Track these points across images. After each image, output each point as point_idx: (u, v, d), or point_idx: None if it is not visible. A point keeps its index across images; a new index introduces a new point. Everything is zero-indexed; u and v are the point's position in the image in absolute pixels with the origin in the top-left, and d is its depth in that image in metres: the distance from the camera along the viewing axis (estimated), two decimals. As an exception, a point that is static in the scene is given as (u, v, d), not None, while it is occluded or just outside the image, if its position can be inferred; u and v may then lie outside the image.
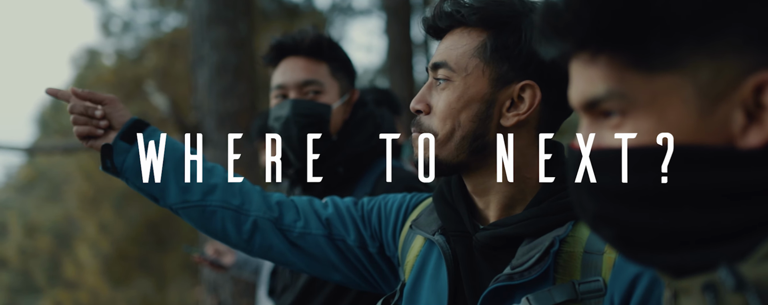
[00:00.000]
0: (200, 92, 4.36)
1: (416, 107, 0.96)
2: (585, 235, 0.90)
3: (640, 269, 0.83)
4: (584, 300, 0.85)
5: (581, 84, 0.57)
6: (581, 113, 0.60)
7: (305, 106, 1.54)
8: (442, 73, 0.95)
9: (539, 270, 0.87)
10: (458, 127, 0.93)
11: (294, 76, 1.56)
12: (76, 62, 13.27)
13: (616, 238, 0.58)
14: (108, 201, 10.79)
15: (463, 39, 0.95)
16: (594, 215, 0.58)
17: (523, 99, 0.93)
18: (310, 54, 1.57)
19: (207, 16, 4.34)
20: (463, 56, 0.94)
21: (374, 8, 9.66)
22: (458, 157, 0.94)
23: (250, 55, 4.49)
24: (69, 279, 12.00)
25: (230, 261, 2.36)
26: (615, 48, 0.54)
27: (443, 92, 0.95)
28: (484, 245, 0.94)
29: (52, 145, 5.83)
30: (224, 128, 4.31)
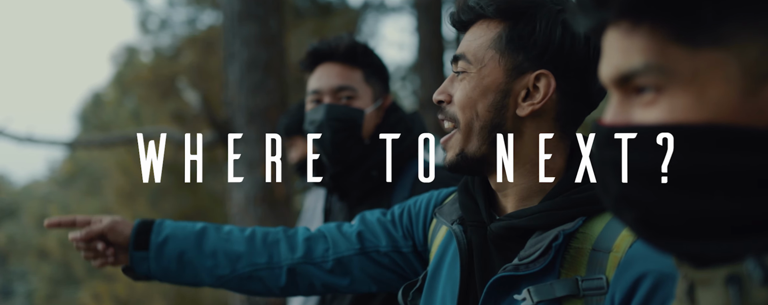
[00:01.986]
0: (231, 88, 4.41)
1: (437, 98, 1.00)
2: (596, 232, 0.89)
3: (644, 270, 0.81)
4: (586, 296, 0.86)
5: (616, 57, 0.54)
6: (612, 89, 0.56)
7: (339, 111, 1.59)
8: (461, 65, 0.98)
9: (543, 263, 0.87)
10: (476, 117, 0.96)
11: (329, 82, 1.61)
12: (115, 59, 13.62)
13: (637, 221, 0.55)
14: (144, 195, 11.04)
15: (482, 31, 0.97)
16: (617, 196, 0.55)
17: (538, 88, 0.94)
18: (345, 60, 1.62)
19: (238, 12, 4.38)
20: (480, 48, 0.96)
21: (406, 5, 9.62)
22: (481, 149, 0.96)
23: (280, 51, 4.52)
24: (107, 271, 12.32)
25: None
26: (660, 18, 0.51)
27: (461, 83, 0.97)
28: (497, 235, 0.95)
29: (90, 140, 5.99)
30: (254, 124, 4.34)
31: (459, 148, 0.98)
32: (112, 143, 5.47)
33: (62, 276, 15.85)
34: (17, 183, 26.41)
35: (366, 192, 1.60)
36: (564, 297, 0.86)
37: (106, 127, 13.89)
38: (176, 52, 9.93)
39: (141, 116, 11.37)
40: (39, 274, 16.92)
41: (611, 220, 0.89)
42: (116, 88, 14.01)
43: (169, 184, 10.42)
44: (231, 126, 4.39)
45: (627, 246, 0.85)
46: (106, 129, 13.45)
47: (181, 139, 4.93)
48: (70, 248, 14.72)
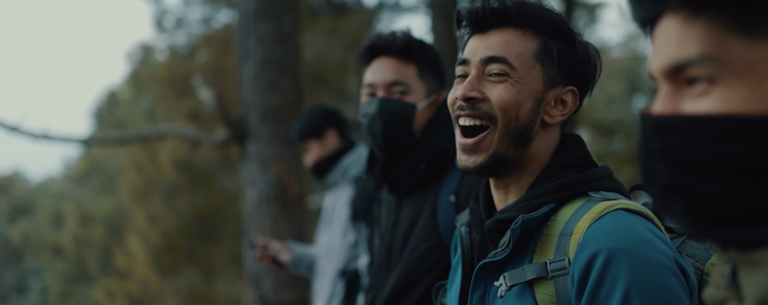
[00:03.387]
0: (245, 87, 4.40)
1: (470, 94, 1.04)
2: (564, 219, 0.98)
3: (597, 248, 0.90)
4: (554, 278, 0.95)
5: (670, 47, 0.55)
6: (662, 80, 0.57)
7: (391, 105, 1.62)
8: (499, 67, 1.04)
9: (508, 249, 0.98)
10: (515, 119, 1.03)
11: (383, 76, 1.65)
12: (131, 58, 13.72)
13: (685, 211, 0.55)
14: (158, 193, 11.10)
15: (518, 39, 1.04)
16: (665, 185, 0.56)
17: (566, 102, 1.07)
18: (400, 55, 1.65)
19: (253, 11, 4.37)
20: (522, 55, 1.04)
21: (421, 5, 9.59)
22: (510, 151, 1.04)
23: (295, 50, 4.50)
24: (120, 269, 12.41)
25: (288, 259, 2.38)
26: (722, 8, 0.51)
27: (500, 85, 1.04)
28: (490, 230, 1.05)
29: (105, 137, 6.02)
30: (268, 122, 4.33)
31: (493, 150, 1.04)
32: (127, 141, 5.50)
33: (76, 273, 15.99)
34: (32, 181, 26.72)
35: (414, 185, 1.64)
36: (534, 279, 0.96)
37: (121, 124, 13.99)
38: (191, 50, 9.98)
39: (156, 114, 11.44)
40: (53, 271, 17.09)
41: (580, 207, 0.98)
42: (131, 86, 14.12)
43: (183, 182, 10.47)
44: (245, 124, 4.38)
45: (585, 228, 0.94)
46: (121, 127, 13.55)
47: (195, 138, 4.94)
48: (84, 245, 14.86)
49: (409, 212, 1.64)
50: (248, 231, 4.42)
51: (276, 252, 2.37)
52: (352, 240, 2.45)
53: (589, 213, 0.96)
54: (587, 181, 1.02)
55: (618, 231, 0.92)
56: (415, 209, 1.63)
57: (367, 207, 2.41)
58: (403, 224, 1.64)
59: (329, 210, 2.62)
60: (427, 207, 1.60)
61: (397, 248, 1.64)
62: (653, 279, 0.88)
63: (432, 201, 1.60)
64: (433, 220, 1.57)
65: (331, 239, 2.52)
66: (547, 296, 0.95)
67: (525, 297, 0.97)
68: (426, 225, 1.58)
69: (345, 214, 2.49)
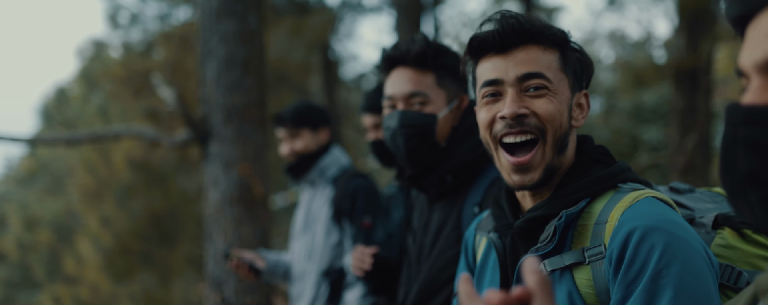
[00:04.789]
0: (208, 86, 4.30)
1: (521, 111, 1.10)
2: (598, 210, 1.07)
3: (633, 226, 0.98)
4: (591, 263, 1.03)
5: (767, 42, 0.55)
6: (755, 73, 0.58)
7: (411, 117, 1.63)
8: (537, 82, 1.11)
9: (554, 242, 1.05)
10: (559, 128, 1.11)
11: (401, 88, 1.65)
12: (81, 54, 13.24)
13: (763, 202, 0.56)
14: (111, 194, 10.75)
15: (543, 54, 1.12)
16: (746, 174, 0.57)
17: (582, 105, 1.17)
18: (417, 64, 1.64)
19: (216, 8, 4.28)
20: (551, 69, 1.12)
21: (384, 5, 9.60)
22: (554, 159, 1.12)
23: (259, 48, 4.43)
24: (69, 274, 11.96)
25: (263, 266, 2.33)
26: None
27: (542, 99, 1.11)
28: (521, 229, 1.12)
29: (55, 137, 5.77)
30: (232, 122, 4.25)
31: (546, 163, 1.11)
32: (81, 141, 5.29)
33: (20, 279, 15.32)
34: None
35: (442, 193, 1.65)
36: (572, 264, 1.04)
37: (70, 123, 13.49)
38: (148, 47, 9.70)
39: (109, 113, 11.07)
40: (-5, 277, 16.33)
41: (611, 198, 1.07)
42: (82, 83, 13.63)
43: (138, 183, 10.17)
44: (207, 124, 4.28)
45: (619, 215, 1.03)
46: (71, 126, 13.07)
47: (155, 138, 4.80)
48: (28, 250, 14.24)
49: (438, 216, 1.65)
50: (210, 233, 4.33)
51: (251, 260, 2.32)
52: (335, 240, 2.43)
53: (622, 202, 1.05)
54: (616, 175, 1.11)
55: (651, 213, 1.01)
56: (443, 214, 1.64)
57: (352, 207, 2.40)
58: (433, 226, 1.66)
59: (304, 211, 2.59)
60: (453, 215, 1.61)
61: (426, 249, 1.66)
62: (685, 255, 0.96)
63: (458, 210, 1.61)
64: (457, 229, 1.58)
65: (311, 240, 2.49)
66: (585, 280, 1.04)
67: (564, 280, 1.05)
68: (451, 233, 1.59)
69: (326, 214, 2.46)
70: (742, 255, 1.06)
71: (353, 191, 2.40)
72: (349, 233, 2.40)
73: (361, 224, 2.35)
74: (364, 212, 2.36)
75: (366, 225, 2.34)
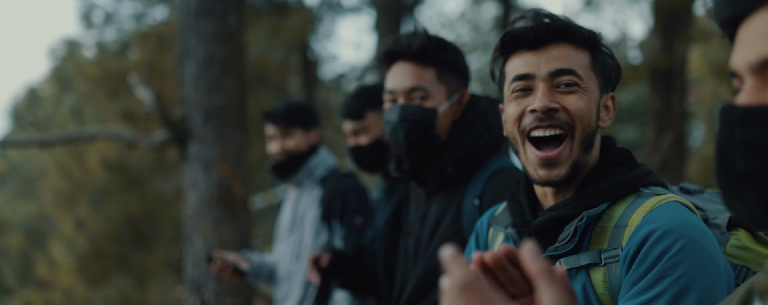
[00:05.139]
0: (187, 86, 4.25)
1: (552, 105, 1.11)
2: (618, 214, 1.08)
3: (653, 228, 0.99)
4: (606, 264, 1.05)
5: (761, 42, 0.57)
6: (748, 74, 0.59)
7: (411, 112, 1.64)
8: (569, 78, 1.12)
9: (573, 242, 1.06)
10: (588, 126, 1.12)
11: (402, 83, 1.66)
12: (53, 54, 12.97)
13: (761, 202, 0.57)
14: (85, 197, 10.55)
15: (575, 53, 1.14)
16: (743, 174, 0.58)
17: (609, 107, 1.19)
18: (417, 59, 1.65)
19: (195, 8, 4.23)
20: (583, 67, 1.14)
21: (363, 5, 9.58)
22: (581, 157, 1.12)
23: (239, 48, 4.38)
24: (41, 279, 11.71)
25: (247, 268, 2.31)
26: None
27: (573, 95, 1.12)
28: (540, 228, 1.12)
29: (26, 139, 5.64)
30: (211, 123, 4.20)
31: (573, 159, 1.11)
32: (54, 142, 5.18)
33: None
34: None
35: (441, 185, 1.66)
36: (588, 265, 1.06)
37: (43, 125, 13.21)
38: (123, 47, 9.54)
39: (83, 114, 10.86)
40: (-34, 282, 15.90)
41: (632, 202, 1.07)
42: (54, 83, 13.35)
43: (113, 185, 9.99)
44: (186, 125, 4.23)
45: (639, 219, 1.04)
46: (43, 127, 12.79)
47: (132, 139, 4.72)
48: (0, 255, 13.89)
49: (436, 209, 1.66)
50: (190, 235, 4.27)
51: (235, 262, 2.29)
52: (324, 241, 2.42)
53: (643, 207, 1.06)
54: (638, 179, 1.11)
55: (673, 217, 1.02)
56: (442, 207, 1.65)
57: (342, 208, 2.40)
58: (430, 220, 1.67)
59: (290, 212, 2.57)
60: (452, 208, 1.63)
61: (423, 243, 1.67)
62: (697, 258, 0.97)
63: (457, 202, 1.62)
64: (457, 221, 1.60)
65: (299, 240, 2.47)
66: (600, 281, 1.06)
67: (580, 276, 1.07)
68: (450, 226, 1.60)
69: (314, 214, 2.45)
70: (756, 257, 1.08)
71: (344, 191, 2.40)
72: (339, 233, 2.39)
73: (352, 224, 2.35)
74: (355, 212, 2.36)
75: (357, 226, 2.34)
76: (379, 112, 2.25)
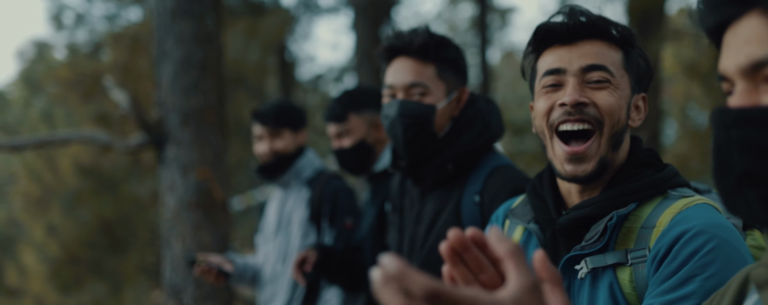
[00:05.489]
0: (164, 88, 4.18)
1: (582, 99, 1.10)
2: (645, 214, 1.08)
3: (686, 227, 1.00)
4: (633, 264, 1.05)
5: (749, 46, 0.59)
6: (738, 77, 0.61)
7: (410, 108, 1.64)
8: (600, 74, 1.12)
9: (602, 242, 1.06)
10: (617, 123, 1.12)
11: (402, 78, 1.66)
12: (22, 56, 12.66)
13: (761, 199, 0.58)
14: (57, 201, 10.32)
15: (607, 50, 1.13)
16: (741, 174, 0.59)
17: (640, 107, 1.18)
18: (418, 55, 1.66)
19: (171, 9, 4.17)
20: (615, 64, 1.13)
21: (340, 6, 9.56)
22: (608, 154, 1.12)
23: (218, 50, 4.33)
24: (11, 287, 11.42)
25: (231, 269, 2.28)
26: None
27: (603, 91, 1.11)
28: (565, 226, 1.11)
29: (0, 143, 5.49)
30: (189, 125, 4.14)
31: (600, 155, 1.10)
32: (27, 146, 5.05)
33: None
34: None
35: (438, 182, 1.66)
36: (614, 264, 1.06)
37: (11, 128, 12.88)
38: (96, 49, 9.35)
39: (54, 117, 10.61)
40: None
41: (659, 204, 1.08)
42: (23, 86, 13.03)
43: (86, 190, 9.79)
44: (164, 128, 4.16)
45: (668, 220, 1.04)
46: (11, 131, 12.48)
47: (108, 142, 4.63)
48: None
49: (432, 206, 1.66)
50: (168, 239, 4.21)
51: (219, 265, 2.26)
52: (312, 242, 2.40)
53: (671, 208, 1.06)
54: (666, 180, 1.11)
55: (704, 218, 1.03)
56: (438, 204, 1.66)
57: (333, 209, 2.39)
58: (426, 217, 1.67)
59: (276, 213, 2.54)
60: (450, 204, 1.63)
61: (419, 240, 1.66)
62: (728, 258, 0.98)
63: (456, 199, 1.63)
64: (456, 217, 1.60)
65: (286, 242, 2.46)
66: (626, 281, 1.05)
67: (606, 275, 1.07)
68: (448, 222, 1.60)
69: (302, 215, 2.43)
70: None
71: (334, 193, 2.39)
72: (328, 234, 2.38)
73: (343, 225, 2.35)
74: (345, 213, 2.36)
75: (348, 227, 2.34)
76: (362, 114, 2.26)
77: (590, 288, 1.07)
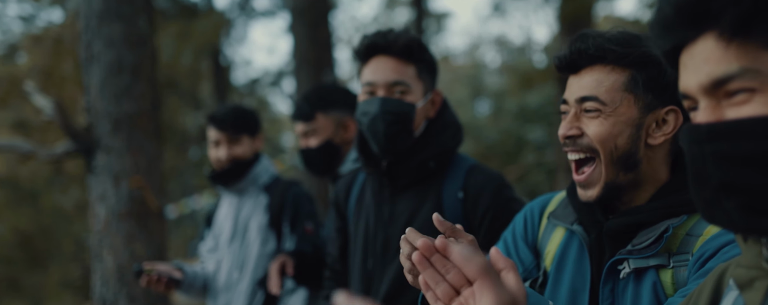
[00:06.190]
0: (92, 93, 3.98)
1: (570, 133, 1.15)
2: (691, 223, 1.11)
3: (732, 238, 1.02)
4: (675, 267, 1.08)
5: (709, 65, 0.63)
6: (701, 95, 0.65)
7: (393, 105, 1.65)
8: (591, 104, 1.14)
9: (655, 249, 1.09)
10: (615, 149, 1.13)
11: (384, 76, 1.67)
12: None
13: (741, 207, 0.62)
14: (-31, 215, 9.59)
15: (608, 75, 1.15)
16: (718, 185, 0.63)
17: (668, 121, 1.15)
18: (401, 55, 1.68)
19: (100, 11, 3.97)
20: (611, 91, 1.14)
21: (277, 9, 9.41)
22: (618, 176, 1.14)
23: (151, 53, 4.16)
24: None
25: (181, 277, 2.23)
26: (757, 30, 0.59)
27: (595, 120, 1.14)
28: (614, 230, 1.15)
29: None
30: (121, 132, 3.95)
31: (604, 180, 1.14)
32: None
33: None
34: None
35: (417, 180, 1.69)
36: (656, 266, 1.09)
37: None
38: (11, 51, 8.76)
39: (-36, 124, 9.86)
40: None
41: None
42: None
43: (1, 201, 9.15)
44: (93, 135, 3.95)
45: (716, 230, 1.06)
46: None
47: (30, 151, 4.34)
48: None
49: (406, 206, 1.67)
50: (99, 252, 4.00)
51: (169, 273, 2.18)
52: (272, 248, 2.36)
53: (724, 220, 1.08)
54: None
55: None
56: (413, 203, 1.67)
57: (295, 215, 2.37)
58: (400, 218, 1.67)
59: (231, 220, 2.47)
60: (429, 202, 1.65)
61: (393, 243, 1.66)
62: None
63: (435, 196, 1.65)
64: (439, 214, 1.59)
65: (244, 249, 2.40)
66: (668, 283, 1.10)
67: (649, 274, 1.10)
68: (428, 221, 1.61)
69: (261, 222, 2.39)
70: None
71: (295, 199, 2.38)
72: (289, 240, 2.35)
73: (304, 230, 2.33)
74: (306, 219, 2.35)
75: (309, 232, 2.33)
76: (329, 114, 2.26)
77: (634, 287, 1.11)
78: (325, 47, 6.39)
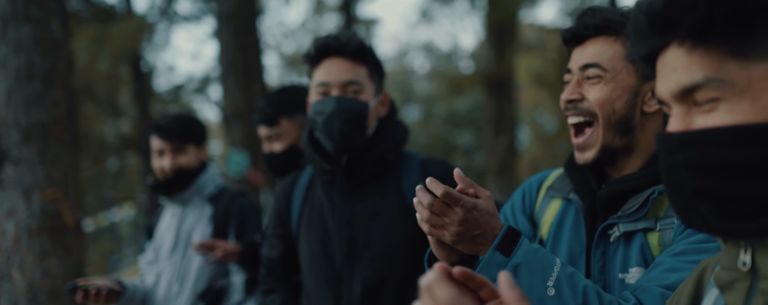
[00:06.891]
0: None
1: (571, 96, 1.24)
2: None
3: None
4: (661, 230, 1.16)
5: (677, 74, 0.64)
6: (672, 102, 0.66)
7: (348, 103, 1.69)
8: (593, 71, 1.23)
9: (641, 213, 1.17)
10: (613, 113, 1.22)
11: (338, 76, 1.72)
12: None
13: (714, 213, 0.63)
14: None
15: (609, 45, 1.23)
16: (692, 192, 0.64)
17: None
18: (353, 56, 1.74)
19: (6, 14, 3.72)
20: (613, 59, 1.23)
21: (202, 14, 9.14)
22: (614, 140, 1.22)
23: (66, 58, 3.93)
24: None
25: (120, 289, 2.13)
26: (719, 38, 0.60)
27: (596, 86, 1.23)
28: (606, 198, 1.23)
29: None
30: (32, 142, 3.71)
31: (601, 143, 1.22)
32: None
33: None
34: None
35: (375, 174, 1.73)
36: (644, 229, 1.17)
37: None
38: None
39: None
40: None
41: None
42: None
43: None
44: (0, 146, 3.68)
45: None
46: None
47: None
48: None
49: (365, 205, 1.70)
50: (7, 271, 3.73)
51: (109, 286, 2.07)
52: (212, 261, 2.27)
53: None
54: None
55: None
56: (374, 201, 1.70)
57: (242, 226, 2.33)
58: (362, 217, 1.69)
59: (173, 231, 2.37)
60: (392, 197, 1.69)
61: (360, 241, 1.67)
62: None
63: (394, 191, 1.70)
64: (401, 206, 1.67)
65: (186, 260, 2.32)
66: (655, 244, 1.17)
67: (637, 237, 1.18)
68: (394, 215, 1.66)
69: (204, 233, 2.33)
70: None
71: (241, 210, 2.34)
72: None
73: (252, 241, 2.28)
74: (254, 231, 2.31)
75: (257, 243, 2.28)
76: (293, 118, 2.24)
77: (624, 249, 1.19)
78: (252, 53, 6.28)
